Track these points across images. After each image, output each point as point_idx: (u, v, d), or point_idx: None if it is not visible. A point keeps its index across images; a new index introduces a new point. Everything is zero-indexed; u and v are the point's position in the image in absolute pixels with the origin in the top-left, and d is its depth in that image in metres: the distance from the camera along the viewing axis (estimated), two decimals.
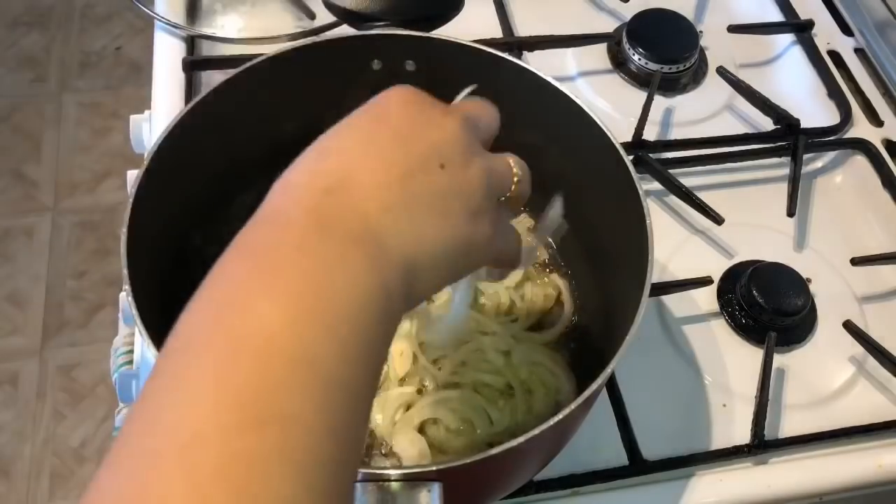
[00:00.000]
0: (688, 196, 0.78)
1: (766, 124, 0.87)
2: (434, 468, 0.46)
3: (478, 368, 0.63)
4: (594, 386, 0.52)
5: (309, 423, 0.29)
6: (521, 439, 0.48)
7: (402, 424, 0.61)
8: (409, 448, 0.60)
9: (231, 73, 0.61)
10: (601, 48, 0.92)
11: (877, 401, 0.72)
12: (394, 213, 0.37)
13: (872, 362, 0.73)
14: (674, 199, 0.80)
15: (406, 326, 0.64)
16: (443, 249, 0.39)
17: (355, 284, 0.33)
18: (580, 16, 0.96)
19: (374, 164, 0.38)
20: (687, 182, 0.79)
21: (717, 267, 0.77)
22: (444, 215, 0.39)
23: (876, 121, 0.91)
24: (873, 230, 0.83)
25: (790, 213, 0.80)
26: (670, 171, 0.80)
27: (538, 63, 0.83)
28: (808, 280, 0.75)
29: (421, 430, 0.61)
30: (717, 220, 0.76)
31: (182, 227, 0.63)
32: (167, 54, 0.85)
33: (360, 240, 0.35)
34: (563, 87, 0.62)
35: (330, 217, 0.35)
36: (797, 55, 0.95)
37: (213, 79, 0.80)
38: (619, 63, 0.92)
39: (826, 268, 0.79)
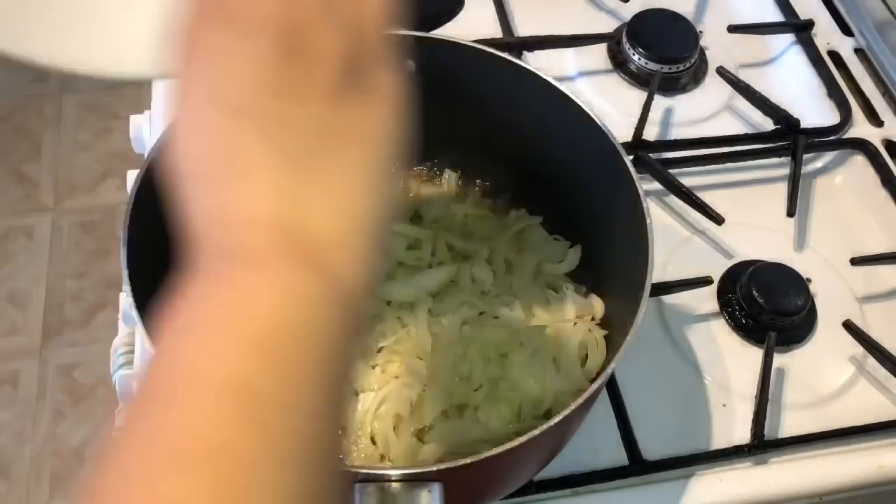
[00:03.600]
0: (688, 196, 0.78)
1: (766, 124, 0.87)
2: (434, 468, 0.46)
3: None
4: (594, 386, 0.52)
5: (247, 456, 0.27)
6: (521, 439, 0.48)
7: (400, 434, 0.61)
8: (409, 457, 0.60)
9: None
10: (601, 48, 0.92)
11: (877, 401, 0.72)
12: (296, 195, 0.31)
13: (872, 362, 0.73)
14: (674, 199, 0.80)
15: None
16: (372, 179, 0.32)
17: (303, 313, 0.30)
18: (580, 16, 0.96)
19: (236, 156, 0.31)
20: (687, 182, 0.79)
21: (717, 267, 0.77)
22: (334, 148, 0.32)
23: (876, 121, 0.90)
24: (873, 230, 0.83)
25: (790, 213, 0.80)
26: (670, 171, 0.80)
27: (538, 63, 0.83)
28: (808, 280, 0.75)
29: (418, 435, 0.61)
30: (717, 220, 0.76)
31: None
32: None
33: (285, 256, 0.30)
34: (563, 87, 0.62)
35: (243, 249, 0.30)
36: (797, 55, 0.95)
37: None
38: (619, 63, 0.91)
39: (826, 268, 0.79)
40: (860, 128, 0.89)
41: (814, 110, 0.90)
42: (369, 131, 0.33)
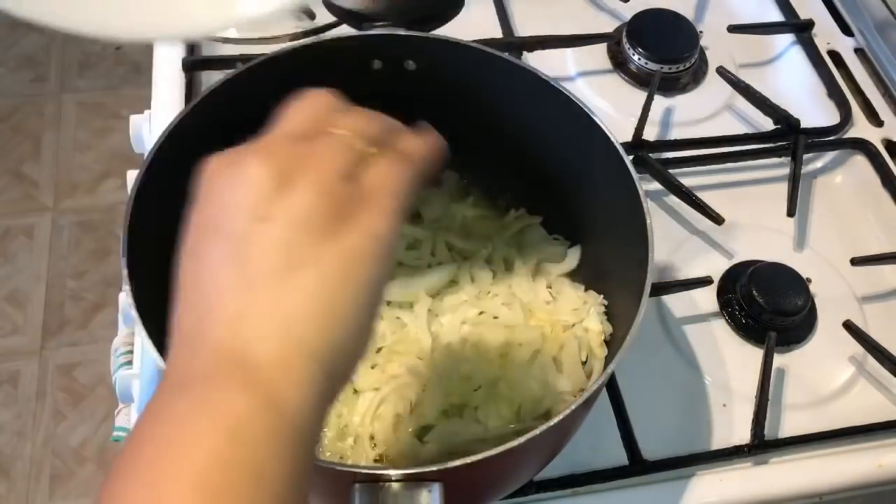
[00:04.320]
0: (688, 196, 0.78)
1: (766, 124, 0.87)
2: (434, 468, 0.46)
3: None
4: (594, 386, 0.52)
5: None
6: (521, 439, 0.48)
7: (400, 434, 0.61)
8: (409, 457, 0.59)
9: (231, 73, 0.61)
10: (601, 48, 0.92)
11: (877, 401, 0.72)
12: (249, 315, 0.33)
13: (872, 362, 0.73)
14: (674, 199, 0.80)
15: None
16: (329, 304, 0.34)
17: (264, 441, 0.31)
18: (580, 16, 0.96)
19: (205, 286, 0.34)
20: (687, 182, 0.79)
21: (717, 267, 0.77)
22: (302, 270, 0.34)
23: (876, 121, 0.91)
24: (873, 230, 0.83)
25: (790, 213, 0.80)
26: (670, 171, 0.80)
27: (538, 63, 0.83)
28: (808, 280, 0.75)
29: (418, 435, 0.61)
30: (717, 220, 0.76)
31: (182, 226, 0.63)
32: (167, 54, 0.85)
33: (245, 384, 0.32)
34: (563, 87, 0.62)
35: (189, 377, 0.32)
36: (797, 55, 0.95)
37: (212, 79, 0.80)
38: (619, 63, 0.92)
39: (826, 268, 0.79)
40: (860, 128, 0.89)
41: (814, 110, 0.90)
42: (337, 260, 0.34)
